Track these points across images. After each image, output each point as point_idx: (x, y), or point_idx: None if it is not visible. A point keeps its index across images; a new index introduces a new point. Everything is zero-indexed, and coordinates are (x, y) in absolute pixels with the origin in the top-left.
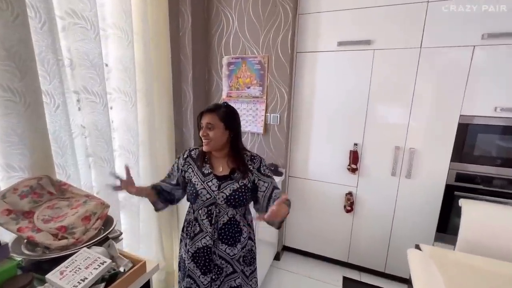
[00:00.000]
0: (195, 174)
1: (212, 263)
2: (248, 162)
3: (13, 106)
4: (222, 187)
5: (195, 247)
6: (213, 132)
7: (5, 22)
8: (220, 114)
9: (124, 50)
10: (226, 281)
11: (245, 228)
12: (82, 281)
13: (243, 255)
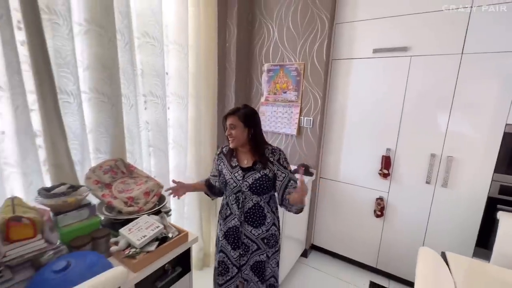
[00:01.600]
0: (226, 167)
1: (240, 241)
2: (269, 155)
3: (103, 105)
4: (245, 177)
5: (227, 227)
6: (235, 131)
7: (103, 44)
8: (239, 115)
9: (181, 61)
10: (252, 256)
11: (269, 214)
12: (143, 237)
13: (266, 237)
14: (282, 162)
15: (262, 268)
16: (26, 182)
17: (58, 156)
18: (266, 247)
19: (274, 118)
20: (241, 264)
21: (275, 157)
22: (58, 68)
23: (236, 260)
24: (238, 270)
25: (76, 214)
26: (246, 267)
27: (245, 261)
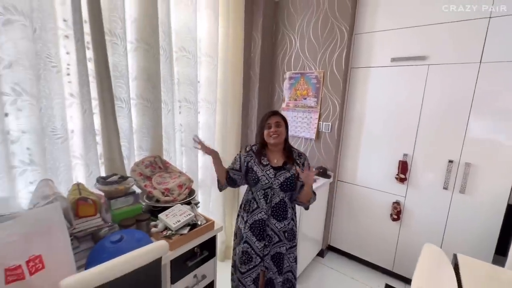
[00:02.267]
0: (256, 164)
1: (265, 233)
2: (296, 157)
3: (147, 110)
4: (277, 175)
5: (252, 219)
6: (281, 128)
7: (149, 59)
8: (282, 116)
9: (211, 71)
10: (273, 247)
11: (289, 210)
12: (178, 222)
13: (287, 230)
14: (306, 165)
15: (281, 259)
16: (87, 171)
17: (112, 151)
18: (286, 240)
19: (294, 122)
20: (264, 254)
21: (301, 160)
22: (115, 80)
23: (260, 251)
24: (261, 260)
25: (124, 200)
26: (268, 257)
27: (268, 252)
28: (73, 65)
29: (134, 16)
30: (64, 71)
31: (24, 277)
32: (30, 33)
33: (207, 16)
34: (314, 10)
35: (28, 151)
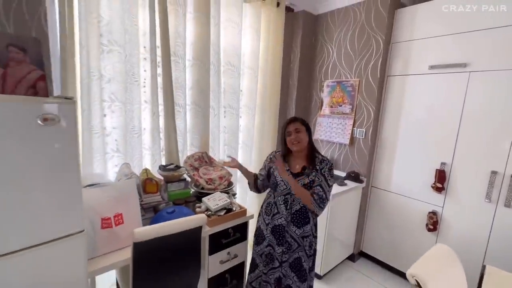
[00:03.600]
0: (277, 169)
1: (284, 239)
2: (317, 163)
3: (198, 113)
4: (297, 181)
5: (273, 224)
6: (301, 134)
7: (201, 72)
8: (301, 121)
9: (252, 81)
10: (292, 254)
11: (310, 217)
12: (217, 205)
13: (306, 236)
14: (324, 172)
15: (300, 264)
16: (153, 160)
17: (170, 146)
18: (303, 246)
19: (329, 128)
20: (282, 260)
21: (321, 166)
22: (176, 90)
23: (279, 255)
24: (280, 264)
25: (177, 184)
26: (287, 264)
27: (286, 259)
28: (148, 80)
29: (192, 40)
30: (142, 84)
31: (111, 226)
32: (123, 58)
33: (250, 34)
34: (352, 22)
35: (116, 142)
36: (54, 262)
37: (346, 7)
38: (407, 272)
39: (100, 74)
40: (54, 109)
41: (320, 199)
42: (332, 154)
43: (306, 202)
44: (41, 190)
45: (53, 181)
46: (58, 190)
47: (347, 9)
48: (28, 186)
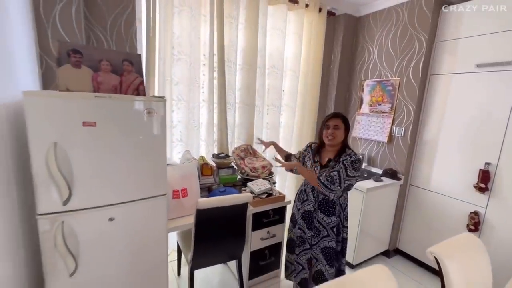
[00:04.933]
0: (309, 160)
1: (312, 224)
2: (343, 156)
3: (245, 111)
4: (321, 172)
5: (303, 210)
6: (338, 131)
7: (249, 75)
8: (342, 118)
9: (293, 82)
10: (322, 241)
11: (337, 207)
12: (259, 189)
13: (336, 227)
14: (345, 162)
15: (331, 253)
16: (207, 149)
17: (222, 138)
18: (334, 235)
19: (368, 126)
20: (312, 243)
21: (344, 158)
22: (228, 90)
23: (309, 238)
24: (310, 247)
25: (227, 170)
26: (317, 248)
27: (316, 242)
28: (206, 82)
29: (242, 47)
30: (201, 86)
31: (179, 197)
32: (188, 65)
33: (293, 39)
34: (394, 22)
35: (180, 133)
36: (148, 213)
37: (388, 8)
38: (427, 250)
39: (171, 78)
40: (153, 105)
41: (329, 180)
42: (369, 152)
43: (313, 183)
44: (143, 161)
45: (151, 155)
46: (153, 162)
47: (390, 10)
48: (137, 158)
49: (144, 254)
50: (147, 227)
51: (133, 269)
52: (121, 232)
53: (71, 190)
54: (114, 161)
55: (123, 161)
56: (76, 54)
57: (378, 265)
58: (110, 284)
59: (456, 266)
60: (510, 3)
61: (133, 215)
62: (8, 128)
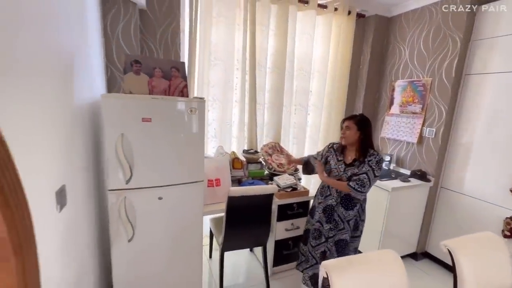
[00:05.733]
0: (333, 159)
1: (332, 218)
2: (367, 157)
3: (273, 111)
4: (346, 170)
5: (325, 204)
6: (348, 132)
7: (278, 78)
8: (354, 120)
9: (320, 83)
10: (338, 233)
11: (358, 203)
12: (285, 183)
13: (353, 220)
14: (371, 164)
15: (344, 246)
16: (239, 145)
17: (252, 135)
18: (349, 228)
19: (397, 127)
20: (329, 236)
21: (369, 159)
22: (258, 91)
23: (326, 231)
24: (326, 240)
25: (255, 165)
26: (332, 240)
27: (332, 235)
28: (238, 84)
29: (272, 52)
30: (234, 87)
31: (213, 186)
32: (223, 69)
33: (321, 42)
34: (427, 22)
35: (214, 130)
36: (188, 195)
37: (421, 8)
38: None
39: (208, 81)
40: (195, 105)
41: (360, 184)
42: (398, 153)
43: (343, 189)
44: (186, 152)
45: (192, 147)
46: (194, 153)
47: (423, 9)
48: (181, 148)
49: (184, 230)
50: (187, 207)
51: (175, 242)
52: (167, 210)
53: (132, 172)
54: (164, 150)
55: (171, 151)
56: (136, 64)
57: (388, 250)
58: (157, 252)
59: (471, 262)
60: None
61: (177, 196)
62: (89, 122)
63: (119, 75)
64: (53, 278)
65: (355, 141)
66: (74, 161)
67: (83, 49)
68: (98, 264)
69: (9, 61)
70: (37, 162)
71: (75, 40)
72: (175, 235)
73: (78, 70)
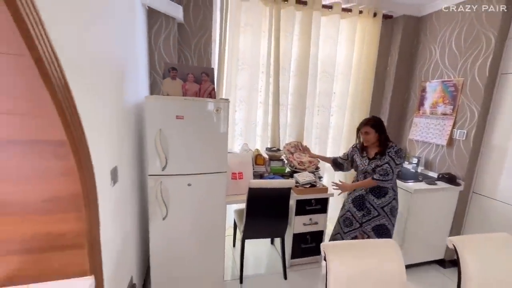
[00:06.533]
0: (358, 156)
1: (364, 205)
2: (386, 149)
3: (296, 112)
4: (370, 163)
5: (354, 195)
6: (368, 136)
7: (301, 81)
8: (370, 124)
9: (344, 85)
10: (373, 220)
11: (390, 191)
12: (304, 180)
13: (387, 207)
14: (391, 154)
15: (383, 230)
16: (263, 143)
17: (274, 135)
18: (385, 214)
19: (426, 129)
20: (363, 221)
21: (389, 151)
22: (281, 94)
23: (359, 218)
24: (360, 225)
25: (277, 162)
26: (367, 225)
27: (366, 220)
28: (263, 87)
29: (295, 57)
30: (259, 90)
31: (236, 178)
32: (249, 73)
33: (345, 45)
34: (459, 20)
35: (240, 129)
36: (213, 184)
37: (454, 6)
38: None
39: (235, 84)
40: (221, 105)
41: (382, 174)
42: (427, 155)
43: (372, 185)
44: (212, 146)
45: (218, 141)
46: (219, 147)
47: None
48: (208, 142)
49: (209, 212)
50: (212, 194)
51: (201, 222)
52: (195, 195)
53: (167, 161)
54: (193, 143)
55: (199, 144)
56: (173, 70)
57: (390, 240)
58: (185, 230)
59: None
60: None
61: (203, 184)
62: (134, 118)
63: (159, 80)
64: (107, 236)
65: (376, 140)
66: (123, 148)
67: (132, 59)
68: (138, 237)
69: (85, 71)
70: (100, 145)
71: (127, 52)
72: (201, 216)
73: (128, 76)
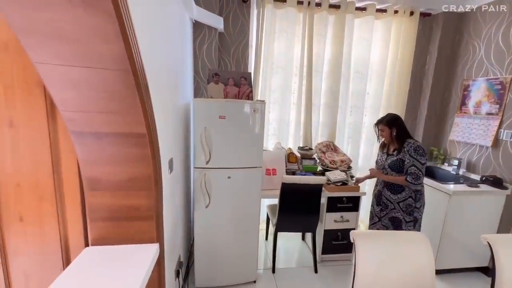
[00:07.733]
0: (379, 152)
1: (381, 200)
2: (405, 146)
3: (327, 112)
4: (387, 159)
5: (376, 190)
6: (384, 133)
7: (334, 81)
8: (384, 122)
9: (378, 85)
10: (390, 212)
11: (407, 189)
12: (335, 178)
13: (403, 203)
14: (410, 152)
15: (398, 222)
16: (294, 142)
17: (307, 134)
18: (400, 209)
19: (469, 129)
20: (381, 216)
21: (407, 148)
22: (314, 94)
23: (377, 213)
24: (379, 219)
25: (309, 161)
26: (385, 218)
27: (384, 214)
28: (296, 88)
29: (328, 58)
30: (292, 91)
31: (270, 174)
32: (283, 75)
33: (380, 46)
34: (506, 15)
35: (274, 129)
36: (250, 177)
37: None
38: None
39: (270, 86)
40: (257, 106)
41: (414, 178)
42: (469, 157)
43: (403, 183)
44: (250, 143)
45: (254, 139)
46: (256, 144)
47: (501, 1)
48: (246, 139)
49: (245, 203)
50: (248, 186)
51: (238, 211)
52: (233, 187)
53: (211, 156)
54: (234, 140)
55: (239, 141)
56: (216, 76)
57: (419, 233)
58: (225, 218)
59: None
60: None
61: (242, 177)
62: (183, 117)
63: (202, 84)
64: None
65: (391, 137)
66: (177, 143)
67: (182, 66)
68: (184, 224)
69: (153, 78)
70: (162, 139)
71: (179, 61)
72: (239, 206)
73: (180, 81)
